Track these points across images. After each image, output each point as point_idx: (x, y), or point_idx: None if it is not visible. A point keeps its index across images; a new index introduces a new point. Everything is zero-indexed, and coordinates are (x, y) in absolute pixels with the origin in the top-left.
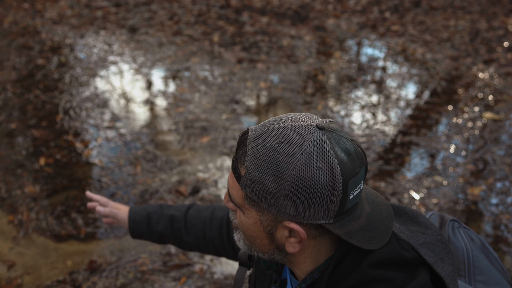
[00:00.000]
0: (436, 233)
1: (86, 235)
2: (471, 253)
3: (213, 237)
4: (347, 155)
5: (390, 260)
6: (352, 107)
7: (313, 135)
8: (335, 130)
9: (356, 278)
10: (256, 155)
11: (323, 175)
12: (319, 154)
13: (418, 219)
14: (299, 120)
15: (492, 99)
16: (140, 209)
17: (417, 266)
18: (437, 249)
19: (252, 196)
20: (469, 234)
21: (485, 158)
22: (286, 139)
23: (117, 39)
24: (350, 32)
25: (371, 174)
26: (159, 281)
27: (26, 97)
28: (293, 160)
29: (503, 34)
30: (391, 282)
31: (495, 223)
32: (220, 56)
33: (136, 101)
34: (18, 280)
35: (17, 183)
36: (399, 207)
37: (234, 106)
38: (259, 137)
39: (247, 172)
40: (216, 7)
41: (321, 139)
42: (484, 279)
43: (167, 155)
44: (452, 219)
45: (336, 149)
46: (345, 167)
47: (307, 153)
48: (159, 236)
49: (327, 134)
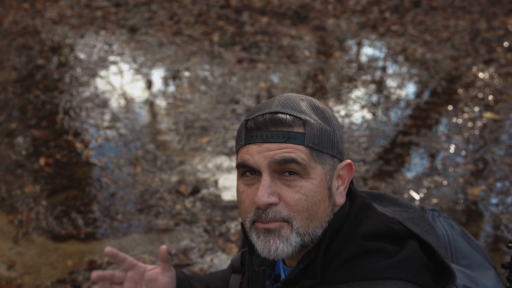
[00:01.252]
0: (417, 211)
1: (86, 235)
2: (452, 239)
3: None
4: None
5: (381, 232)
6: (352, 107)
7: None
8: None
9: (350, 251)
10: (302, 111)
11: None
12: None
13: (399, 201)
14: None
15: (492, 99)
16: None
17: (406, 238)
18: (421, 223)
19: (318, 146)
20: (449, 222)
21: (485, 158)
22: (304, 97)
23: (117, 39)
24: (350, 32)
25: (371, 174)
26: None
27: (26, 97)
28: (322, 105)
29: (503, 34)
30: (384, 252)
31: (495, 223)
32: (220, 56)
33: (136, 101)
34: (18, 280)
35: (17, 183)
36: (379, 193)
37: (234, 106)
38: (287, 104)
39: (308, 125)
40: (216, 7)
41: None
42: (467, 262)
43: (167, 155)
44: (431, 208)
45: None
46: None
47: (321, 102)
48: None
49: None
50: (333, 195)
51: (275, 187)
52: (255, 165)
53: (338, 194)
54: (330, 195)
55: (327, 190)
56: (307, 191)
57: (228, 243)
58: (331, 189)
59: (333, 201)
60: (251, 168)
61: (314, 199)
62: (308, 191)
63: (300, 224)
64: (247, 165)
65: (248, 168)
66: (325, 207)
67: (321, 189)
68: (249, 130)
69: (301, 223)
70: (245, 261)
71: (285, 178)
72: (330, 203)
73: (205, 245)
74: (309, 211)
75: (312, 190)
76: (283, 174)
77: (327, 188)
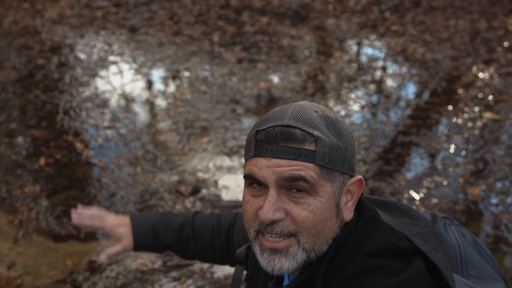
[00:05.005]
0: (428, 225)
1: (86, 235)
2: (463, 248)
3: (221, 244)
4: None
5: (386, 249)
6: (352, 107)
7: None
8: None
9: (353, 267)
10: (314, 126)
11: (348, 127)
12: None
13: (410, 213)
14: (295, 102)
15: (492, 99)
16: (143, 221)
17: (412, 255)
18: (430, 239)
19: (329, 164)
20: (460, 231)
21: (485, 158)
22: (318, 108)
23: (117, 39)
24: (350, 32)
25: (371, 174)
26: (159, 281)
27: (26, 97)
28: (336, 116)
29: (503, 34)
30: (387, 270)
31: (495, 223)
32: (220, 56)
33: (136, 101)
34: (18, 280)
35: (17, 183)
36: (391, 202)
37: (234, 106)
38: (300, 117)
39: (320, 142)
40: (216, 7)
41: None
42: (477, 273)
43: (167, 155)
44: (443, 216)
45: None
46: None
47: (334, 112)
48: (166, 246)
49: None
50: (341, 211)
51: (281, 203)
52: (263, 179)
53: (347, 210)
54: (338, 212)
55: (335, 207)
56: (315, 209)
57: None
58: (339, 206)
59: (341, 217)
60: (258, 181)
61: (322, 217)
62: (316, 208)
63: (306, 240)
64: (254, 178)
65: (255, 181)
66: (332, 224)
67: (329, 207)
68: (259, 142)
69: (307, 239)
70: (249, 254)
71: (292, 195)
72: (338, 219)
73: None
74: (316, 229)
75: (320, 208)
76: (291, 190)
77: (335, 205)
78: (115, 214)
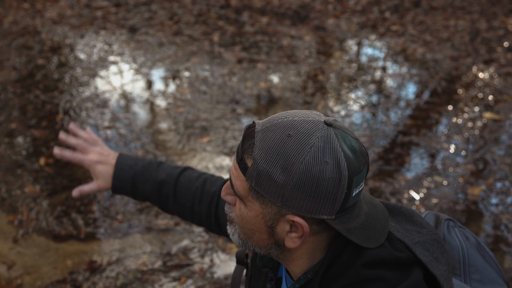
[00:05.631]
0: (432, 232)
1: (86, 235)
2: (466, 251)
3: (201, 211)
4: (353, 152)
5: (383, 260)
6: (352, 107)
7: (321, 130)
8: (342, 127)
9: (349, 278)
10: (265, 147)
11: (330, 170)
12: (327, 149)
13: (414, 218)
14: (307, 116)
15: (492, 99)
16: (126, 166)
17: (411, 265)
18: (432, 248)
19: (257, 188)
20: (464, 233)
21: (485, 158)
22: (295, 133)
23: (117, 39)
24: (350, 32)
25: (371, 174)
26: (159, 281)
27: (26, 97)
28: (302, 154)
29: (503, 34)
30: (384, 281)
31: (495, 223)
32: (220, 56)
33: (136, 101)
34: (18, 280)
35: (17, 183)
36: (395, 206)
37: (234, 106)
38: (268, 130)
39: (255, 163)
40: (216, 7)
41: (329, 135)
42: (480, 277)
43: (167, 155)
44: (447, 218)
45: (343, 145)
46: (351, 163)
47: (316, 147)
48: (143, 197)
49: (334, 131)
50: (277, 234)
51: (229, 189)
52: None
53: (289, 239)
54: (271, 232)
55: (265, 227)
56: (241, 214)
57: (228, 243)
58: (274, 229)
59: (278, 239)
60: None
61: (247, 225)
62: (243, 214)
63: (240, 231)
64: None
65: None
66: (262, 238)
67: (255, 222)
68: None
69: (240, 231)
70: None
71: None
72: (272, 238)
73: (205, 245)
74: (243, 230)
75: (246, 218)
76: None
77: (265, 225)
78: (104, 145)
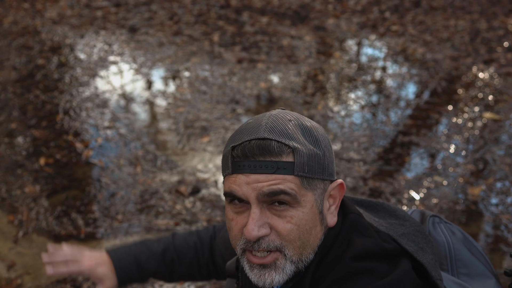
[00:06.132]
0: (415, 224)
1: (86, 235)
2: (452, 246)
3: (207, 260)
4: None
5: (372, 252)
6: (352, 107)
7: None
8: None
9: (339, 272)
10: (290, 137)
11: (321, 129)
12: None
13: (396, 213)
14: (269, 111)
15: (492, 99)
16: (122, 255)
17: (399, 256)
18: (417, 239)
19: (308, 173)
20: (450, 229)
21: (485, 158)
22: (292, 116)
23: (117, 39)
24: (350, 32)
25: (371, 174)
26: (159, 281)
27: (26, 97)
28: (311, 123)
29: (503, 34)
30: (374, 273)
31: (495, 223)
32: (220, 56)
33: (136, 101)
34: (18, 280)
35: (17, 183)
36: (377, 202)
37: (234, 106)
38: (275, 128)
39: (297, 153)
40: (216, 7)
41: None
42: (467, 271)
43: (167, 155)
44: (432, 214)
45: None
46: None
47: (309, 118)
48: (151, 275)
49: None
50: (324, 217)
51: (265, 218)
52: (244, 196)
53: (330, 215)
54: (321, 219)
55: (318, 215)
56: (298, 221)
57: None
58: (322, 212)
59: (325, 223)
60: (239, 199)
61: (306, 227)
62: (299, 220)
63: (293, 252)
64: (235, 196)
65: (236, 198)
66: (316, 232)
67: (312, 216)
68: (235, 158)
69: (293, 252)
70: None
71: (275, 208)
72: (322, 226)
73: None
74: (301, 240)
75: (303, 219)
76: (273, 204)
77: (318, 213)
78: (89, 251)
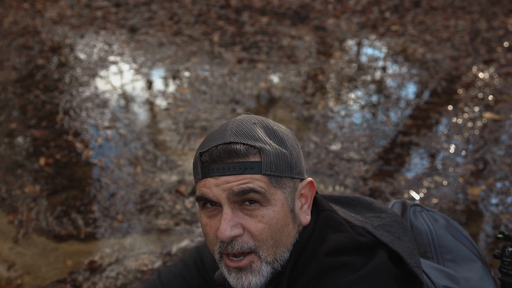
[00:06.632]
0: (391, 215)
1: (86, 235)
2: (435, 234)
3: (197, 282)
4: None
5: (345, 247)
6: (352, 107)
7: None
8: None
9: (315, 269)
10: (256, 139)
11: (286, 129)
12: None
13: (372, 206)
14: (234, 117)
15: (492, 99)
16: None
17: (374, 248)
18: (393, 229)
19: (275, 171)
20: (432, 216)
21: (485, 158)
22: (256, 119)
23: (117, 39)
24: (350, 32)
25: (371, 174)
26: None
27: (26, 97)
28: (275, 124)
29: (503, 34)
30: (349, 266)
31: (495, 223)
32: (220, 56)
33: (136, 101)
34: (18, 280)
35: (17, 183)
36: (353, 198)
37: (234, 106)
38: (240, 132)
39: (264, 153)
40: (216, 7)
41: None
42: (452, 257)
43: (167, 155)
44: (413, 204)
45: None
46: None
47: (273, 121)
48: None
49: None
50: (297, 216)
51: (237, 218)
52: (215, 198)
53: (303, 214)
54: (294, 217)
55: (289, 213)
56: (269, 220)
57: None
58: (294, 211)
59: (298, 222)
60: (211, 201)
61: (277, 226)
62: (270, 219)
63: (267, 253)
64: (206, 198)
65: (208, 201)
66: (289, 230)
67: (283, 214)
68: (204, 163)
69: (267, 252)
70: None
71: (246, 208)
72: (295, 224)
73: None
74: (273, 239)
75: (274, 218)
76: (244, 204)
77: (289, 211)
78: None
